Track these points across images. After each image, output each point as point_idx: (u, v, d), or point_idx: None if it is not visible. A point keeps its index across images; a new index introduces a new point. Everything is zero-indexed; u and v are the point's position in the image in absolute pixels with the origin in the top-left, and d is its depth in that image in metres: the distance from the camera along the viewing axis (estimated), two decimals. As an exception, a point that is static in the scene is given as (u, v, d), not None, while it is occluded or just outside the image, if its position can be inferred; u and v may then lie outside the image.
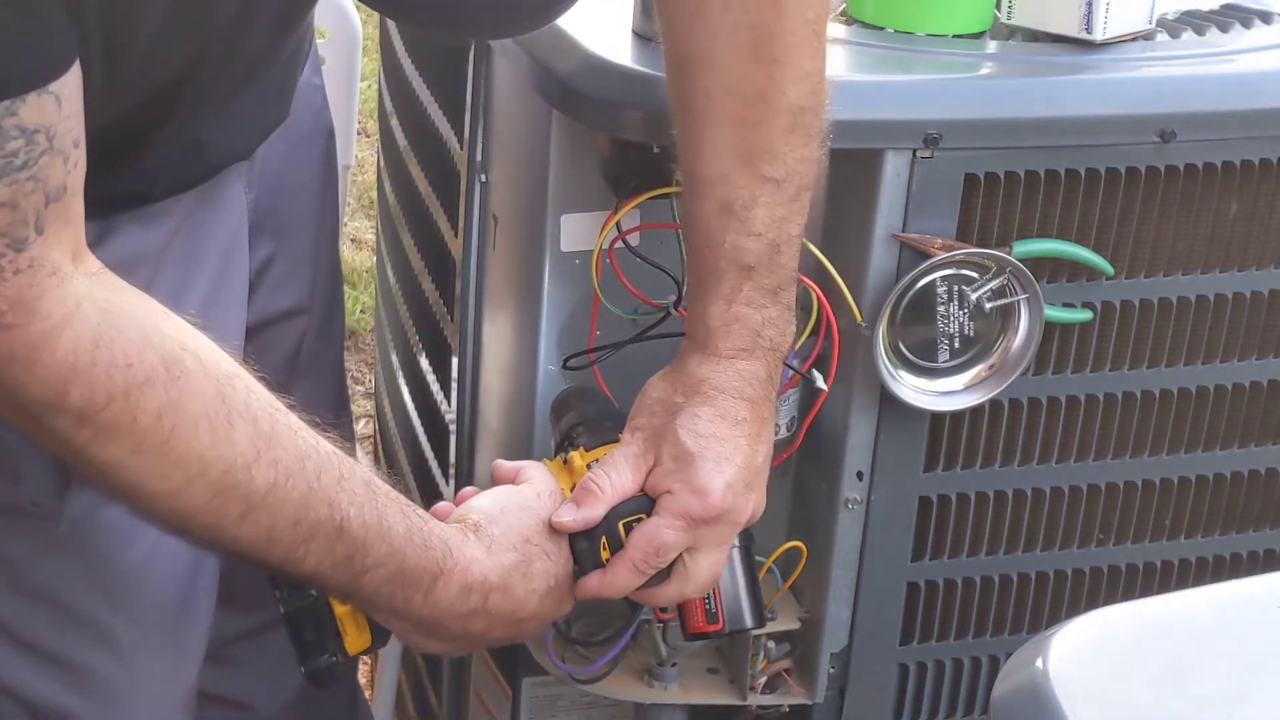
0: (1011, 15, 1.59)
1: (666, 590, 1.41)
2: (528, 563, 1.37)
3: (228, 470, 1.23)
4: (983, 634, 1.66)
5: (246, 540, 1.27)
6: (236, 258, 1.58)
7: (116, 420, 1.18)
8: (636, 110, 1.45)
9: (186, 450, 1.21)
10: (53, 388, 1.16)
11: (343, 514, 1.29)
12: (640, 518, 1.38)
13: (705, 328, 1.41)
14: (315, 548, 1.28)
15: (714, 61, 1.37)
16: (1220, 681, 1.08)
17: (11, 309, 1.13)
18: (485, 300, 1.70)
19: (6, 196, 1.11)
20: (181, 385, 1.20)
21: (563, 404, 1.53)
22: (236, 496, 1.24)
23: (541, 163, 1.53)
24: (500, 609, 1.36)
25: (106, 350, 1.17)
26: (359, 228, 4.05)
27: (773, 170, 1.38)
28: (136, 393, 1.18)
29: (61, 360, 1.15)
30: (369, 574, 1.31)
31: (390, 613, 1.35)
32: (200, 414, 1.21)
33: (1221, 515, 1.68)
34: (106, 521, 1.46)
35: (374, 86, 3.93)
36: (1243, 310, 1.60)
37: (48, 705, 1.51)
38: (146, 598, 1.52)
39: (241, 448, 1.23)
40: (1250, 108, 1.55)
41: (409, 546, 1.32)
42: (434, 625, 1.36)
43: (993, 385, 1.53)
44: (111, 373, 1.17)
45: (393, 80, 2.03)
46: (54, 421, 1.18)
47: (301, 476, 1.27)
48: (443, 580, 1.33)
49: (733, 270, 1.39)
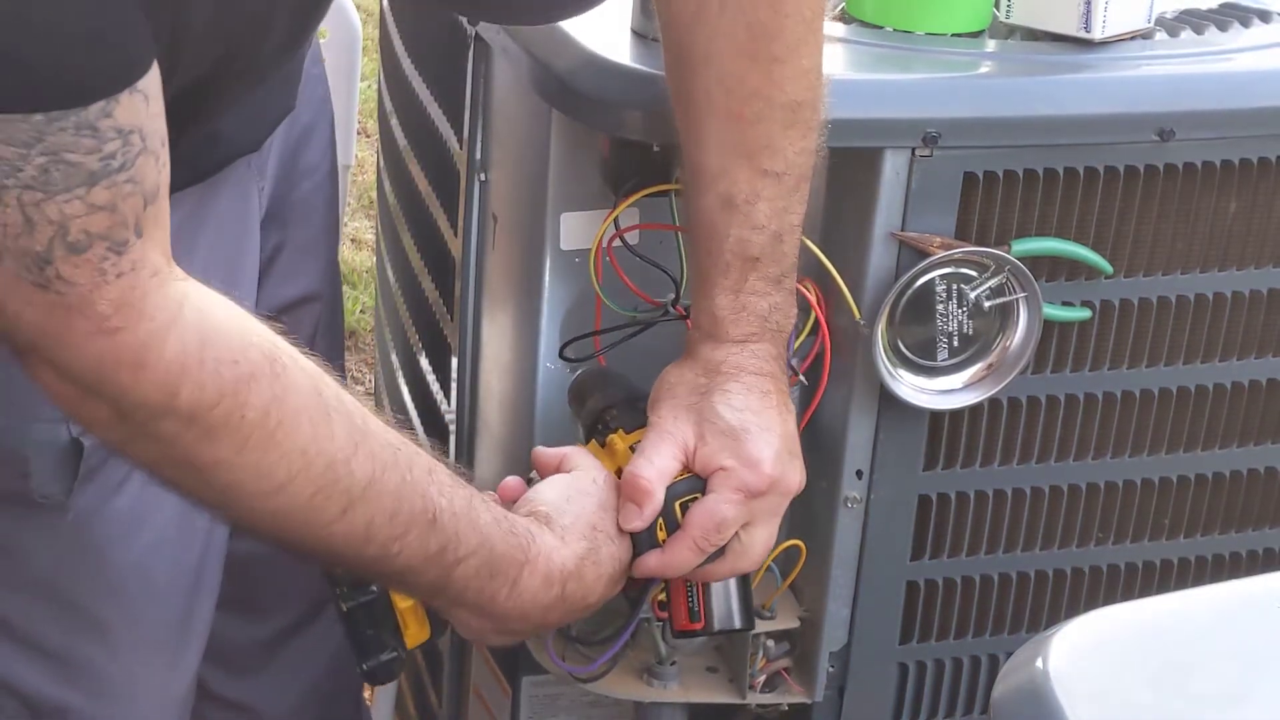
0: (1010, 14, 1.59)
1: (721, 567, 1.42)
2: (596, 550, 1.37)
3: (329, 465, 1.22)
4: (982, 633, 1.66)
5: (342, 537, 1.25)
6: (248, 248, 1.58)
7: (226, 418, 1.17)
8: (636, 109, 1.45)
9: (290, 445, 1.20)
10: (163, 389, 1.14)
11: (435, 505, 1.28)
12: (695, 497, 1.39)
13: (713, 317, 1.41)
14: (410, 541, 1.27)
15: (713, 60, 1.37)
16: (1220, 681, 1.07)
17: (116, 313, 1.12)
18: (485, 299, 1.70)
19: (106, 200, 1.10)
20: (284, 380, 1.19)
21: (584, 388, 1.53)
22: (337, 492, 1.23)
23: (541, 161, 1.53)
24: (574, 597, 1.36)
25: (213, 348, 1.16)
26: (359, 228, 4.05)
27: (773, 164, 1.39)
28: (245, 389, 1.17)
29: (171, 361, 1.14)
30: (461, 565, 1.30)
31: (475, 608, 1.34)
32: (301, 408, 1.20)
33: (1221, 515, 1.68)
34: (112, 514, 1.46)
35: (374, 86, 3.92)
36: (1242, 309, 1.60)
37: (45, 700, 1.51)
38: (147, 593, 1.52)
39: (340, 441, 1.22)
40: (1249, 106, 1.55)
41: (497, 534, 1.32)
42: (517, 618, 1.35)
43: (992, 384, 1.53)
44: (220, 370, 1.16)
45: (393, 80, 2.03)
46: (159, 426, 1.16)
47: (396, 469, 1.26)
48: (528, 569, 1.33)
49: (738, 262, 1.40)
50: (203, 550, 1.57)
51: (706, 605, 1.45)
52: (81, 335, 1.12)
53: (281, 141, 1.63)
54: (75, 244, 1.09)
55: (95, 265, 1.10)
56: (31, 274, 1.09)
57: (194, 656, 1.60)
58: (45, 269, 1.09)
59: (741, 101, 1.38)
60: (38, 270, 1.09)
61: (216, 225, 1.51)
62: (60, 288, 1.10)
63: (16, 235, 1.08)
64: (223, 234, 1.52)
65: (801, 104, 1.39)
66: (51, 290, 1.10)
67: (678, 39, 1.39)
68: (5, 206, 1.07)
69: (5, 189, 1.07)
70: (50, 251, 1.09)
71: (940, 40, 1.57)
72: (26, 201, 1.07)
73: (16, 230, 1.08)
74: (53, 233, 1.08)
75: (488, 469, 1.75)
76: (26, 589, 1.48)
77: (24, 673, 1.50)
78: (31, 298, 1.10)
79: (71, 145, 1.07)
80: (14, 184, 1.07)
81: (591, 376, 1.54)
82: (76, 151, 1.08)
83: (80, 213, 1.09)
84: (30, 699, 1.51)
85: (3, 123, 1.06)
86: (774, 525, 1.43)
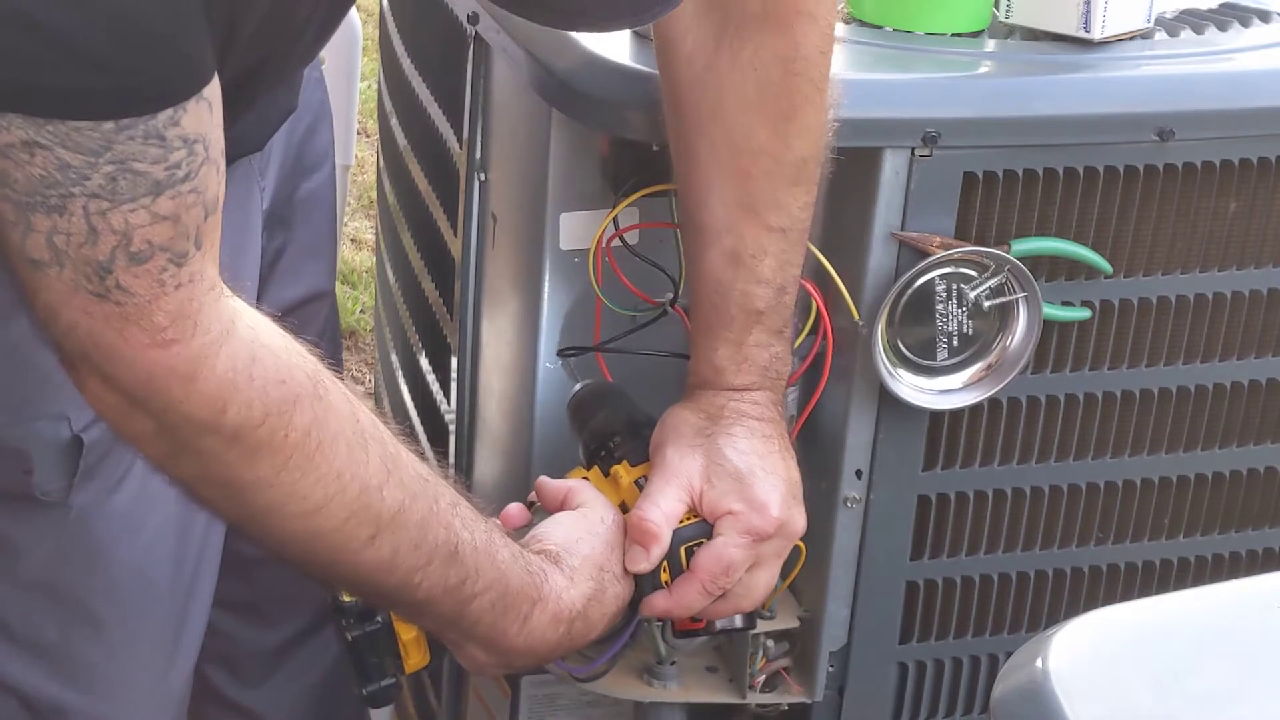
0: (1010, 14, 1.59)
1: (723, 606, 1.43)
2: (603, 590, 1.38)
3: (364, 490, 1.22)
4: (982, 633, 1.66)
5: (368, 565, 1.25)
6: (250, 246, 1.59)
7: (270, 437, 1.17)
8: (635, 109, 1.45)
9: (329, 468, 1.20)
10: (211, 405, 1.14)
11: (458, 538, 1.28)
12: (700, 542, 1.41)
13: (714, 367, 1.43)
14: (432, 572, 1.28)
15: (720, 117, 1.38)
16: (1220, 681, 1.07)
17: (173, 324, 1.11)
18: (485, 299, 1.70)
19: (169, 210, 1.09)
20: (325, 403, 1.19)
21: (585, 406, 1.52)
22: (368, 518, 1.23)
23: (541, 161, 1.53)
24: (578, 635, 1.38)
25: (261, 366, 1.16)
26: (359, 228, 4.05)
27: (778, 220, 1.40)
28: (290, 409, 1.17)
29: (221, 376, 1.14)
30: (477, 600, 1.31)
31: (485, 642, 1.35)
32: (339, 432, 1.20)
33: (1221, 515, 1.68)
34: (111, 512, 1.46)
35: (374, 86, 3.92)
36: (1242, 309, 1.60)
37: (44, 699, 1.51)
38: (146, 590, 1.53)
39: (374, 468, 1.22)
40: (1249, 106, 1.55)
41: (513, 571, 1.32)
42: (524, 653, 1.36)
43: (991, 384, 1.53)
44: (268, 389, 1.16)
45: (393, 80, 2.03)
46: (202, 442, 1.16)
47: (425, 499, 1.26)
48: (539, 608, 1.34)
49: (742, 316, 1.42)
50: (200, 549, 1.57)
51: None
52: (136, 346, 1.11)
53: (284, 142, 1.63)
54: (137, 254, 1.08)
55: (155, 276, 1.09)
56: (91, 283, 1.08)
57: (190, 654, 1.60)
58: (105, 279, 1.08)
59: (748, 158, 1.38)
60: (98, 280, 1.08)
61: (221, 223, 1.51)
62: (119, 298, 1.09)
63: (80, 245, 1.07)
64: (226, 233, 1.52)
65: (807, 160, 1.40)
66: (110, 300, 1.09)
67: (683, 95, 1.40)
68: (70, 215, 1.06)
69: (71, 198, 1.06)
70: (112, 261, 1.08)
71: (940, 40, 1.57)
72: (92, 210, 1.06)
73: (80, 240, 1.07)
74: (116, 242, 1.08)
75: (487, 469, 1.75)
76: (26, 586, 1.48)
77: (22, 672, 1.50)
78: (89, 307, 1.09)
79: (139, 154, 1.06)
80: (80, 192, 1.06)
81: (594, 394, 1.54)
82: (144, 161, 1.07)
83: (144, 222, 1.08)
84: (28, 698, 1.51)
85: (71, 130, 1.04)
86: (777, 567, 1.44)
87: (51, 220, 1.06)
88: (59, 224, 1.06)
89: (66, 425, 1.41)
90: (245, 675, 1.84)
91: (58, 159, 1.05)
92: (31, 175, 1.05)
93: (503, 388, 1.69)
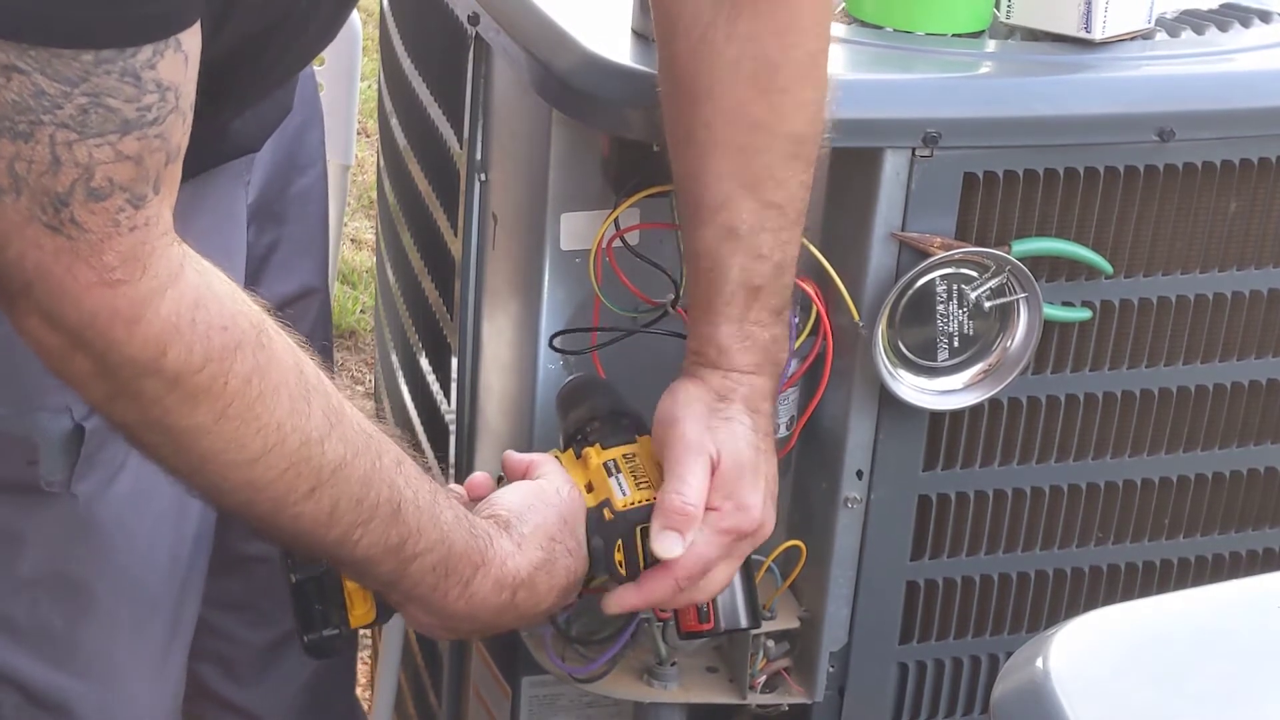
0: (1011, 14, 1.59)
1: (678, 597, 1.42)
2: (552, 561, 1.37)
3: (304, 442, 1.22)
4: (982, 634, 1.66)
5: (308, 518, 1.25)
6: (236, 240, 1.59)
7: (209, 383, 1.17)
8: (636, 109, 1.45)
9: (269, 418, 1.20)
10: (152, 347, 1.15)
11: (401, 496, 1.28)
12: None
13: (718, 346, 1.42)
14: (372, 529, 1.27)
15: (716, 92, 1.38)
16: (1220, 681, 1.07)
17: (122, 265, 1.12)
18: (485, 299, 1.70)
19: (134, 151, 1.10)
20: (268, 353, 1.20)
21: (572, 396, 1.53)
22: (308, 470, 1.23)
23: (541, 162, 1.54)
24: (525, 604, 1.37)
25: (205, 311, 1.16)
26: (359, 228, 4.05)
27: (775, 196, 1.39)
28: (230, 356, 1.17)
29: (164, 319, 1.14)
30: (417, 561, 1.30)
31: (425, 605, 1.34)
32: (281, 383, 1.21)
33: (1221, 515, 1.68)
34: (112, 499, 1.47)
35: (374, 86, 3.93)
36: (1242, 309, 1.60)
37: (45, 689, 1.52)
38: (147, 575, 1.54)
39: (316, 421, 1.23)
40: (1249, 106, 1.56)
41: (457, 533, 1.32)
42: (466, 618, 1.35)
43: (992, 384, 1.53)
44: (210, 334, 1.16)
45: (393, 80, 2.03)
46: (142, 384, 1.16)
47: (367, 455, 1.26)
48: (481, 572, 1.33)
49: (742, 293, 1.41)
50: (194, 538, 1.58)
51: (714, 606, 1.45)
52: (84, 284, 1.12)
53: (276, 138, 1.63)
54: (97, 190, 1.10)
55: (111, 215, 1.10)
56: (46, 214, 1.09)
57: (185, 642, 1.61)
58: (61, 211, 1.09)
59: (745, 133, 1.38)
60: (53, 211, 1.09)
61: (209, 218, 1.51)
62: (72, 232, 1.10)
63: (41, 173, 1.08)
64: (213, 227, 1.53)
65: (804, 137, 1.39)
66: (62, 234, 1.10)
67: (678, 71, 1.39)
68: (36, 143, 1.07)
69: (40, 125, 1.07)
70: (70, 194, 1.09)
71: (940, 40, 1.57)
72: (59, 140, 1.08)
73: (42, 169, 1.08)
74: (77, 175, 1.09)
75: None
76: (30, 578, 1.49)
77: (25, 664, 1.51)
78: (41, 239, 1.10)
79: (114, 90, 1.08)
80: (50, 121, 1.07)
81: (581, 385, 1.54)
82: (117, 98, 1.08)
83: (108, 159, 1.09)
84: (31, 690, 1.52)
85: (52, 57, 1.06)
86: (737, 565, 1.43)
87: (16, 146, 1.08)
88: (23, 150, 1.08)
89: (68, 416, 1.42)
90: (240, 674, 1.85)
91: (34, 85, 1.06)
92: (4, 100, 1.06)
93: (503, 388, 1.69)
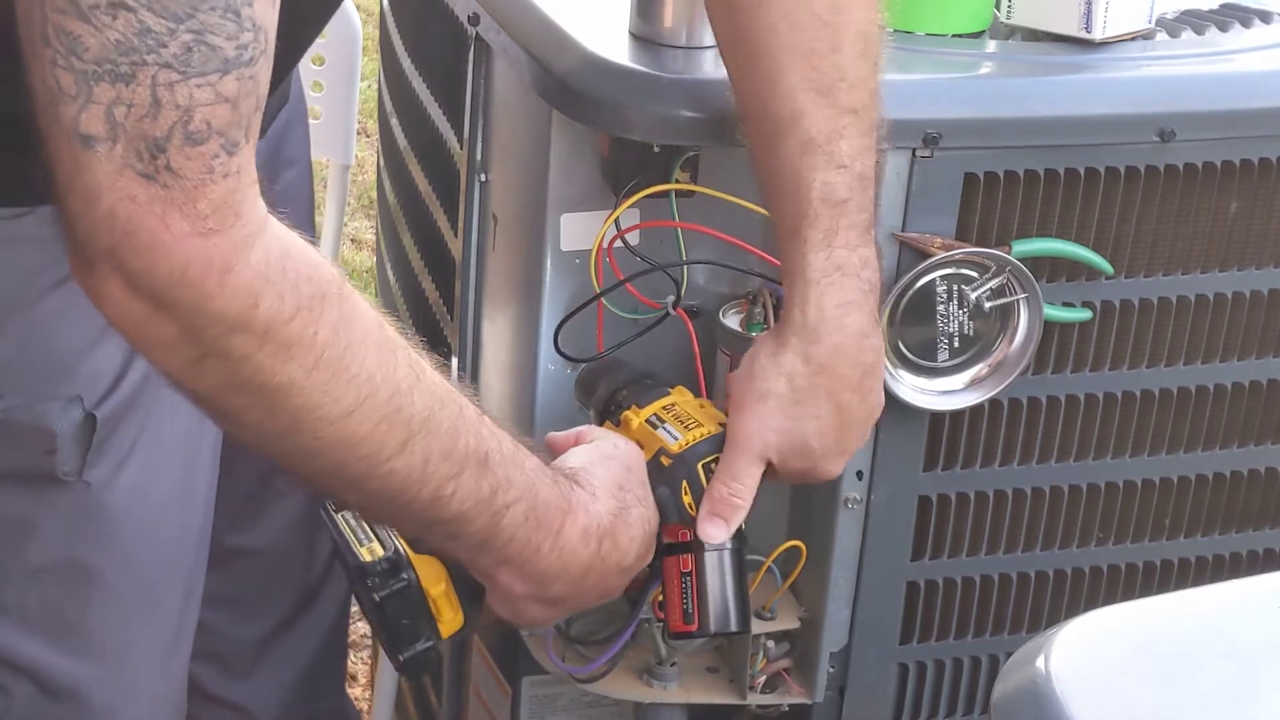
0: (1011, 14, 1.59)
1: None
2: (626, 509, 1.36)
3: (395, 393, 1.19)
4: (983, 634, 1.66)
5: (401, 475, 1.22)
6: None
7: (300, 334, 1.13)
8: (636, 109, 1.45)
9: (359, 368, 1.17)
10: (244, 298, 1.11)
11: (487, 446, 1.26)
12: (717, 457, 1.40)
13: (805, 284, 1.38)
14: (464, 481, 1.24)
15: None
16: (1220, 681, 1.08)
17: (215, 213, 1.08)
18: (485, 300, 1.70)
19: (232, 92, 1.07)
20: (351, 304, 1.17)
21: (592, 377, 1.52)
22: (400, 422, 1.20)
23: (541, 162, 1.53)
24: (610, 559, 1.35)
25: (293, 261, 1.13)
26: (359, 228, 4.05)
27: (850, 99, 1.36)
28: (319, 305, 1.14)
29: (255, 269, 1.10)
30: (509, 511, 1.27)
31: (518, 566, 1.31)
32: (366, 334, 1.18)
33: (1221, 515, 1.68)
34: (121, 486, 1.47)
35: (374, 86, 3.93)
36: (1242, 309, 1.60)
37: (57, 677, 1.52)
38: (156, 561, 1.54)
39: (403, 371, 1.20)
40: (1250, 107, 1.56)
41: (541, 480, 1.30)
42: (558, 576, 1.32)
43: (992, 385, 1.53)
44: (299, 284, 1.13)
45: (393, 80, 2.03)
46: (231, 341, 1.12)
47: (453, 404, 1.24)
48: (569, 520, 1.31)
49: (826, 210, 1.37)
50: (201, 525, 1.58)
51: (701, 607, 1.43)
52: (177, 235, 1.08)
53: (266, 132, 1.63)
54: (194, 134, 1.06)
55: (207, 160, 1.07)
56: (142, 162, 1.06)
57: (191, 629, 1.61)
58: (158, 157, 1.06)
59: (811, 34, 1.35)
60: (149, 158, 1.06)
61: None
62: (167, 180, 1.07)
63: (140, 117, 1.05)
64: None
65: (869, 34, 1.36)
66: (157, 182, 1.06)
67: None
68: (137, 85, 1.04)
69: (143, 66, 1.04)
70: (168, 139, 1.06)
71: (940, 41, 1.57)
72: (160, 81, 1.05)
73: (141, 112, 1.05)
74: (176, 118, 1.05)
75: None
76: (43, 567, 1.49)
77: (38, 653, 1.51)
78: (133, 190, 1.06)
79: (217, 27, 1.05)
80: (154, 61, 1.04)
81: (597, 366, 1.54)
82: (219, 35, 1.05)
83: (208, 100, 1.06)
84: (44, 679, 1.52)
85: None
86: None
87: (116, 90, 1.04)
88: (123, 94, 1.04)
89: (79, 405, 1.42)
90: (231, 669, 1.84)
91: (139, 22, 1.03)
92: (106, 41, 1.03)
93: (503, 388, 1.69)
